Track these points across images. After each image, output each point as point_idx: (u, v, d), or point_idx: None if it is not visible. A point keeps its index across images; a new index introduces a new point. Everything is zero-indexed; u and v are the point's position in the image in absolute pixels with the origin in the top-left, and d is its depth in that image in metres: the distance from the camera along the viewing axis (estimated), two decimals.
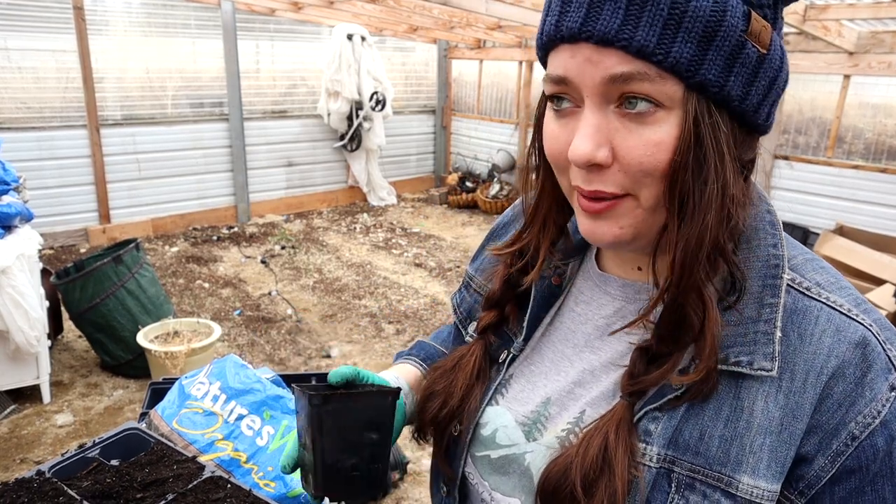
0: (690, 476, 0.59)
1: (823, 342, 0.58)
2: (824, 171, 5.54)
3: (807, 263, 0.64)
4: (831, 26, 4.60)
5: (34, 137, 5.59)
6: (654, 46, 0.52)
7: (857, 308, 0.60)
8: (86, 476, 0.94)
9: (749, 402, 0.58)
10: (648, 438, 0.61)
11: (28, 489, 0.88)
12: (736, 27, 0.52)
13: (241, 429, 1.04)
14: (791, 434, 0.57)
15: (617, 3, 0.53)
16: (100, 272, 3.51)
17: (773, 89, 0.57)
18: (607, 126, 0.57)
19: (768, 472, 0.57)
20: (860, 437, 0.56)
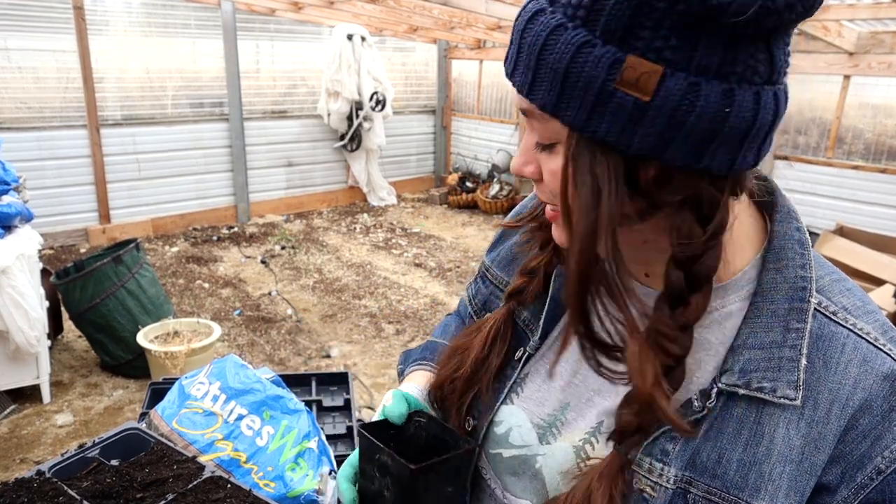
0: (707, 498, 0.59)
1: (849, 372, 0.58)
2: (824, 171, 5.54)
3: (834, 285, 0.63)
4: (831, 27, 4.61)
5: (34, 137, 5.59)
6: (527, 90, 0.56)
7: (884, 337, 0.60)
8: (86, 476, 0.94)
9: (770, 429, 0.58)
10: (666, 458, 0.61)
11: (28, 489, 0.88)
12: (598, 77, 0.52)
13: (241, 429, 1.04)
14: (812, 465, 0.57)
15: (512, 49, 0.58)
16: (100, 272, 3.51)
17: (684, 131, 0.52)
18: (534, 147, 0.62)
19: (786, 501, 0.57)
20: (886, 471, 0.56)
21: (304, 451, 1.05)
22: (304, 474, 1.03)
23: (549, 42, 0.54)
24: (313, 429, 1.09)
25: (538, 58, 0.55)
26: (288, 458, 1.03)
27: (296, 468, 1.03)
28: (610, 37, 0.52)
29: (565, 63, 0.53)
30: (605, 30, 0.52)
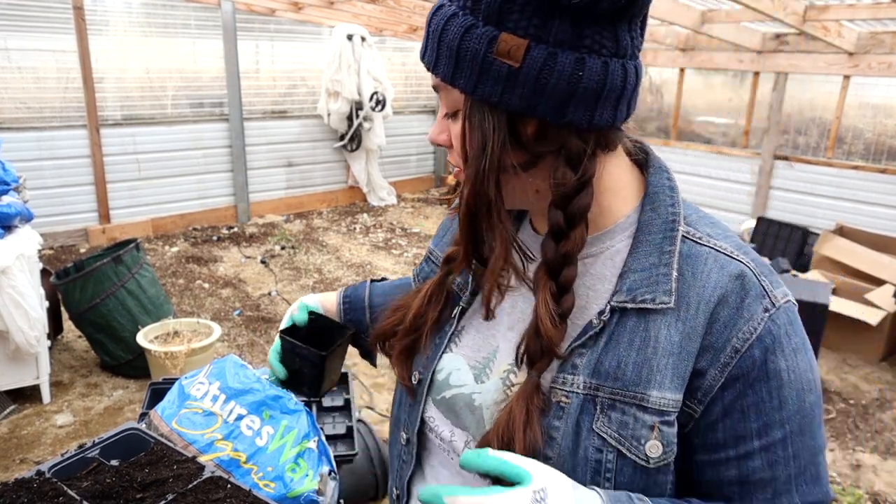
0: (611, 399, 0.72)
1: (710, 277, 0.73)
2: (824, 171, 5.54)
3: (699, 220, 0.78)
4: (831, 27, 4.61)
5: (34, 137, 5.59)
6: (434, 64, 0.72)
7: (738, 250, 0.75)
8: (86, 476, 0.94)
9: (655, 332, 0.72)
10: (575, 371, 0.74)
11: (28, 489, 0.88)
12: (478, 50, 0.67)
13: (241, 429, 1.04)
14: (688, 353, 0.71)
15: (426, 37, 0.73)
16: (100, 272, 3.51)
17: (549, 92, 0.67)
18: (446, 119, 0.76)
19: (672, 385, 0.71)
20: (741, 350, 0.71)
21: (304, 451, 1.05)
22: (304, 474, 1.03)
23: (446, 27, 0.69)
24: (312, 429, 1.09)
25: (439, 40, 0.70)
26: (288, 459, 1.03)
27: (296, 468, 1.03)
28: (488, 19, 0.67)
29: (457, 42, 0.68)
30: (484, 15, 0.67)
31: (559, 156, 0.71)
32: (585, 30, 0.66)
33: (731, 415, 0.72)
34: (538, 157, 0.72)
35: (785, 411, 0.71)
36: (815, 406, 0.73)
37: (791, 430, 0.72)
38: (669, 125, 6.61)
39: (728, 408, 0.72)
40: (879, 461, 3.21)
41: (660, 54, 6.42)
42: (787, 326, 0.72)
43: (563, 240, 0.72)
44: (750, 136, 6.04)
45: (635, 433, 0.71)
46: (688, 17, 4.92)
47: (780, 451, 0.72)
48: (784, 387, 0.71)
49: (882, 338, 4.20)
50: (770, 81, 5.79)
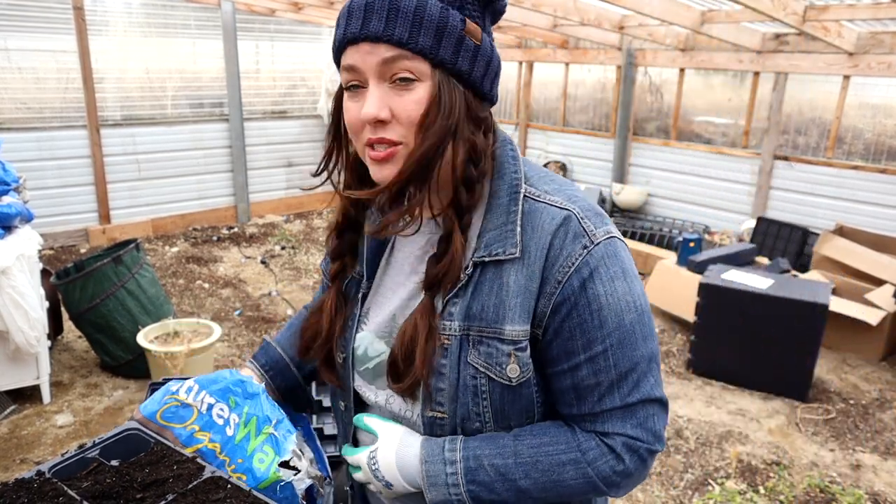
0: (479, 336, 0.89)
1: (546, 227, 0.88)
2: (824, 171, 5.54)
3: (540, 179, 0.93)
4: (831, 27, 4.61)
5: (34, 138, 5.59)
6: (406, 38, 0.81)
7: (568, 201, 0.89)
8: (86, 476, 0.94)
9: (507, 278, 0.88)
10: (451, 317, 0.90)
11: (28, 489, 0.88)
12: (457, 27, 0.83)
13: (213, 417, 1.03)
14: (531, 291, 0.87)
15: (380, 14, 0.81)
16: (100, 272, 3.51)
17: (490, 68, 0.87)
18: (386, 95, 0.84)
19: (520, 319, 0.88)
20: (562, 281, 0.86)
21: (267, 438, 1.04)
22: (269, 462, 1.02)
23: (420, 5, 0.81)
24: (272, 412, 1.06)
25: (414, 17, 0.80)
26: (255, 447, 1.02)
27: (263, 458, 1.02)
28: (452, 5, 0.83)
29: (436, 20, 0.81)
30: (449, 2, 0.83)
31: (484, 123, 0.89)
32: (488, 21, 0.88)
33: (561, 334, 0.87)
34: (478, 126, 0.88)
35: (605, 329, 0.86)
36: (634, 323, 0.87)
37: (611, 343, 0.86)
38: (669, 125, 6.61)
39: (557, 329, 0.87)
40: (879, 461, 3.21)
41: (660, 54, 6.42)
42: (605, 258, 0.87)
43: (471, 192, 0.88)
44: (750, 137, 6.04)
45: (498, 360, 0.88)
46: (688, 17, 4.92)
47: (602, 361, 0.87)
48: (603, 308, 0.86)
49: (882, 338, 4.20)
50: (770, 81, 5.79)
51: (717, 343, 3.90)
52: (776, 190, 5.86)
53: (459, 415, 0.91)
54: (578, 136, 7.36)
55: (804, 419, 3.56)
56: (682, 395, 3.77)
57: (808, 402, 3.72)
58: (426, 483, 0.90)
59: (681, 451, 3.23)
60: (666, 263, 4.81)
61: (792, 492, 2.94)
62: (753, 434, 3.39)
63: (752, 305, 3.69)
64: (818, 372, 4.01)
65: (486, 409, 0.90)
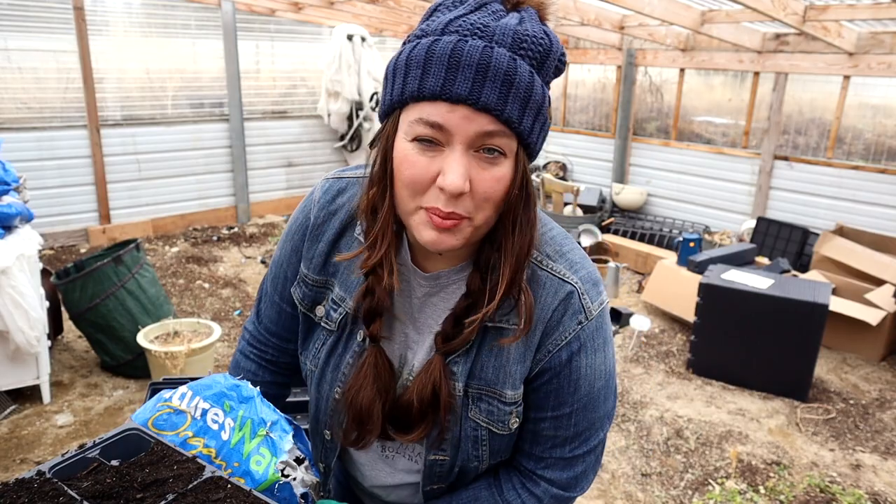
0: (479, 393, 0.93)
1: (546, 301, 0.90)
2: (824, 171, 5.54)
3: (541, 237, 0.93)
4: (831, 27, 4.61)
5: (34, 137, 5.59)
6: (516, 117, 0.77)
7: (570, 271, 0.91)
8: (86, 476, 0.94)
9: (508, 345, 0.91)
10: (454, 376, 0.93)
11: (28, 489, 0.88)
12: (545, 105, 0.80)
13: (208, 423, 1.03)
14: (527, 358, 0.92)
15: (494, 84, 0.75)
16: (100, 272, 3.51)
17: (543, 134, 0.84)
18: (469, 165, 0.78)
19: (517, 384, 0.93)
20: (553, 351, 0.91)
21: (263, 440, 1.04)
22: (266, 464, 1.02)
23: (531, 83, 0.77)
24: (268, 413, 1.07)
25: (525, 94, 0.77)
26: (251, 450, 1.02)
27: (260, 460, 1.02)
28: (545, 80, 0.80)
29: (540, 99, 0.79)
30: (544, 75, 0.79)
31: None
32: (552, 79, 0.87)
33: (537, 392, 0.94)
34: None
35: (577, 395, 0.93)
36: (601, 388, 0.95)
37: (577, 407, 0.94)
38: (669, 125, 6.61)
39: (535, 388, 0.94)
40: (879, 461, 3.21)
41: (660, 54, 6.42)
42: (594, 332, 0.92)
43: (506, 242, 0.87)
44: (750, 137, 6.04)
45: (500, 417, 0.94)
46: (688, 18, 4.92)
47: (565, 420, 0.95)
48: (580, 378, 0.93)
49: (882, 338, 4.20)
50: (770, 81, 5.79)
51: (717, 343, 3.90)
52: (776, 190, 5.86)
53: (460, 459, 0.97)
54: (578, 136, 7.36)
55: (804, 419, 3.56)
56: (682, 395, 3.77)
57: (808, 401, 3.72)
58: None
59: (681, 451, 3.23)
60: (666, 263, 4.81)
61: (792, 492, 2.94)
62: (753, 434, 3.39)
63: (752, 305, 3.69)
64: (818, 372, 4.01)
65: (484, 452, 0.97)
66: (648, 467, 3.10)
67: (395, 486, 1.07)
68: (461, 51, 0.75)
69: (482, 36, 0.75)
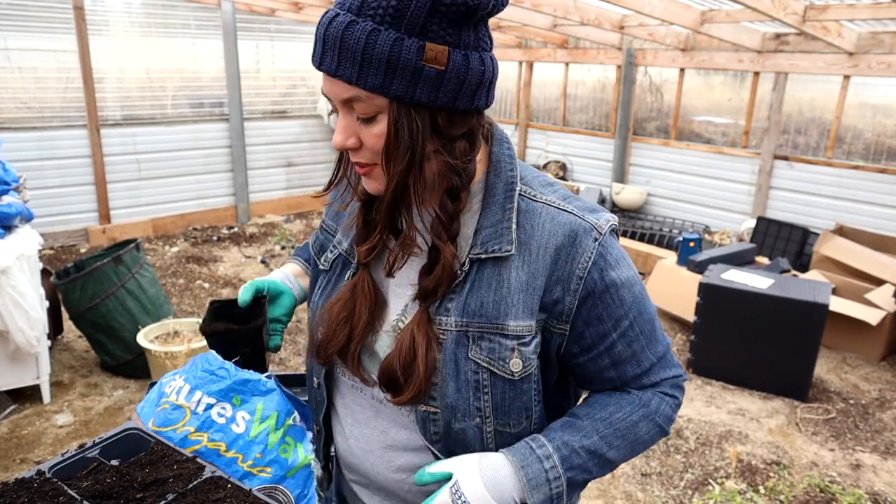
0: (479, 331, 0.91)
1: (545, 227, 0.92)
2: (824, 171, 5.54)
3: (534, 179, 0.97)
4: (831, 27, 4.61)
5: (34, 137, 5.59)
6: (355, 78, 0.80)
7: (564, 201, 0.94)
8: (86, 476, 0.94)
9: (506, 276, 0.91)
10: (447, 313, 0.92)
11: (28, 489, 0.88)
12: (411, 59, 0.79)
13: (213, 417, 1.02)
14: (534, 288, 0.91)
15: (332, 51, 0.81)
16: (100, 272, 3.51)
17: (465, 85, 0.83)
18: (353, 124, 0.86)
19: (523, 314, 0.91)
20: (584, 276, 0.91)
21: (290, 429, 1.05)
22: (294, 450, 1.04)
23: (370, 42, 0.78)
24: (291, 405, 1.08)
25: (363, 55, 0.79)
26: (277, 441, 1.03)
27: (287, 448, 1.03)
28: (412, 32, 0.79)
29: (386, 54, 0.78)
30: (407, 28, 0.79)
31: (463, 137, 0.88)
32: (479, 32, 0.85)
33: (592, 323, 0.93)
34: (451, 141, 0.87)
35: (625, 305, 0.94)
36: (641, 291, 0.97)
37: (633, 316, 0.95)
38: (669, 125, 6.61)
39: (587, 319, 0.93)
40: (879, 461, 3.21)
41: (660, 54, 6.42)
42: (610, 246, 0.93)
43: (457, 200, 0.89)
44: (750, 136, 6.04)
45: (501, 355, 0.91)
46: (688, 17, 4.92)
47: (631, 332, 0.96)
48: (619, 289, 0.93)
49: (882, 337, 4.20)
50: (770, 81, 5.79)
51: (717, 343, 3.90)
52: (776, 190, 5.86)
53: (460, 409, 0.92)
54: (578, 136, 7.36)
55: (804, 419, 3.56)
56: None
57: (808, 401, 3.72)
58: (528, 487, 0.90)
59: (681, 451, 3.23)
60: (666, 263, 4.81)
61: (792, 491, 2.94)
62: (753, 434, 3.39)
63: (752, 305, 3.69)
64: (818, 372, 4.01)
65: (486, 404, 0.93)
66: (648, 467, 3.10)
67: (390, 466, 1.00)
68: (319, 24, 0.83)
69: (340, 6, 0.82)
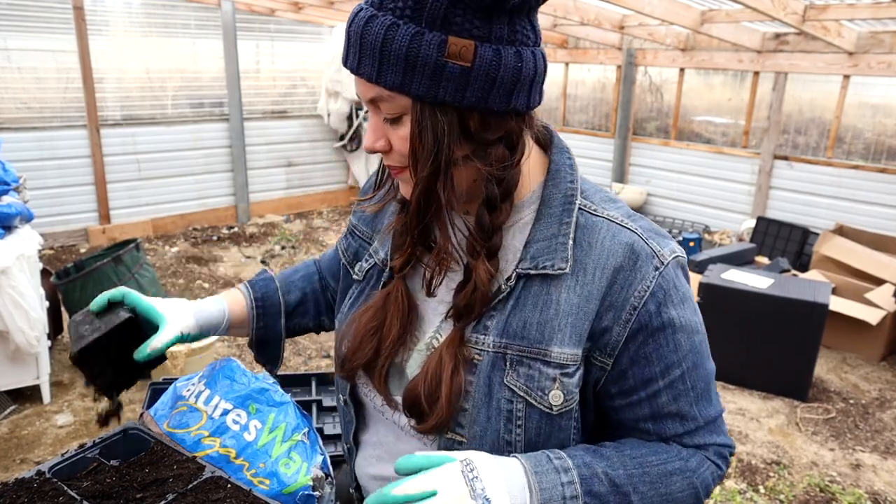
0: (519, 355, 0.81)
1: (605, 245, 0.82)
2: (824, 171, 5.54)
3: (595, 193, 0.87)
4: (831, 26, 4.60)
5: (34, 137, 5.59)
6: (375, 77, 0.74)
7: (628, 219, 0.84)
8: (86, 476, 0.94)
9: (556, 296, 0.81)
10: (486, 332, 0.83)
11: (28, 489, 0.88)
12: (431, 55, 0.71)
13: (228, 423, 1.02)
14: (585, 313, 0.81)
15: (354, 49, 0.75)
16: (100, 272, 3.51)
17: (497, 85, 0.74)
18: (381, 126, 0.80)
19: (570, 341, 0.81)
20: (638, 306, 0.80)
21: (296, 445, 1.04)
22: (297, 469, 1.02)
23: (388, 37, 0.72)
24: (302, 421, 1.07)
25: (381, 51, 0.72)
26: (280, 453, 1.02)
27: (289, 462, 1.01)
28: (433, 25, 0.71)
29: (405, 50, 0.71)
30: (428, 21, 0.71)
31: (500, 141, 0.79)
32: (516, 25, 0.75)
33: (638, 363, 0.82)
34: (485, 146, 0.78)
35: (680, 352, 0.83)
36: (702, 343, 0.86)
37: (687, 366, 0.83)
38: (669, 125, 6.61)
39: (634, 357, 0.82)
40: (879, 461, 3.21)
41: (660, 54, 6.42)
42: (675, 280, 0.82)
43: (494, 211, 0.81)
44: (750, 136, 6.04)
45: (540, 384, 0.81)
46: (688, 17, 4.92)
47: (681, 385, 0.84)
48: (677, 332, 0.82)
49: (882, 337, 4.20)
50: (770, 81, 5.78)
51: (716, 342, 3.87)
52: (776, 189, 5.86)
53: (489, 440, 0.82)
54: (578, 136, 7.36)
55: (804, 419, 3.56)
56: None
57: (808, 401, 3.72)
58: (539, 497, 0.76)
59: None
60: None
61: (792, 491, 2.94)
62: (753, 434, 3.39)
63: (752, 305, 3.69)
64: (818, 371, 4.01)
65: (518, 438, 0.82)
66: None
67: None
68: (348, 20, 0.78)
69: (366, 2, 0.76)
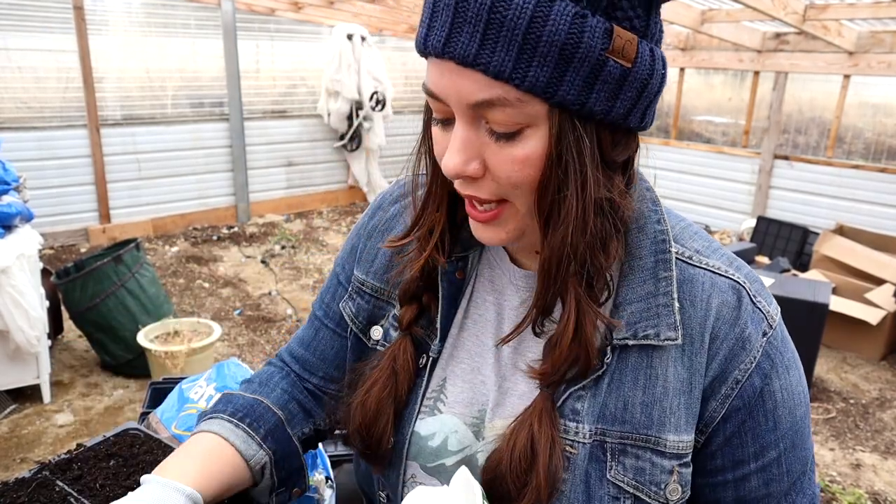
0: (622, 443, 0.66)
1: (711, 304, 0.66)
2: (824, 170, 5.54)
3: (683, 232, 0.70)
4: (831, 26, 4.60)
5: (34, 137, 5.59)
6: (509, 70, 0.52)
7: (731, 267, 0.69)
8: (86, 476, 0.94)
9: (662, 370, 0.65)
10: (577, 417, 0.66)
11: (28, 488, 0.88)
12: (594, 48, 0.52)
13: None
14: (695, 387, 0.66)
15: (474, 27, 0.52)
16: (100, 272, 3.51)
17: (644, 95, 0.58)
18: (478, 140, 0.58)
19: (687, 426, 0.66)
20: (742, 380, 0.66)
21: None
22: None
23: (536, 16, 0.51)
24: None
25: (525, 33, 0.51)
26: None
27: None
28: (596, 7, 0.53)
29: (563, 36, 0.51)
30: (590, 0, 0.52)
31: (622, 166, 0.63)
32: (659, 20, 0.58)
33: (730, 442, 0.68)
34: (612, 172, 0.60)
35: (779, 431, 0.69)
36: (804, 417, 0.71)
37: (784, 447, 0.69)
38: (669, 125, 6.61)
39: (728, 437, 0.68)
40: (879, 461, 3.21)
41: None
42: (781, 345, 0.68)
43: (606, 251, 0.62)
44: (750, 136, 6.04)
45: (654, 479, 0.66)
46: (688, 17, 4.92)
47: (775, 469, 0.70)
48: (778, 407, 0.68)
49: (882, 337, 4.20)
50: (770, 81, 5.78)
51: None
52: (776, 189, 5.86)
53: None
54: None
55: None
56: None
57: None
58: None
59: None
60: None
61: None
62: None
63: None
64: (818, 371, 4.01)
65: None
66: None
67: None
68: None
69: None
